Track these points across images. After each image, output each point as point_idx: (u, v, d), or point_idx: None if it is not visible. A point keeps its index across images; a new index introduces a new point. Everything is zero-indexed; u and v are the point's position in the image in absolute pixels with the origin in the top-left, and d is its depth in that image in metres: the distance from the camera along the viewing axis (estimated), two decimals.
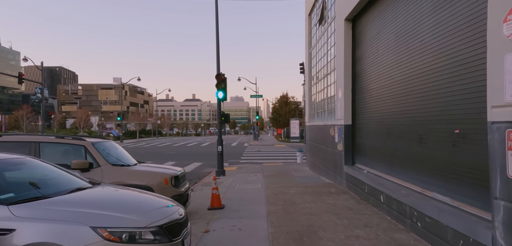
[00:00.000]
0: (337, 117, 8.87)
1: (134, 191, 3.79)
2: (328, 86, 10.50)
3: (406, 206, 4.70)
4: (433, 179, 4.54)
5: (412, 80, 5.17)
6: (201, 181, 11.10)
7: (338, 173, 8.86)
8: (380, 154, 6.53)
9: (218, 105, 12.35)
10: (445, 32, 4.29)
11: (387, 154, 6.14)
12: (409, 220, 4.69)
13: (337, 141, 8.87)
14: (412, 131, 5.16)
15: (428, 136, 4.70)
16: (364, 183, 6.64)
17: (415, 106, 5.06)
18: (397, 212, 5.07)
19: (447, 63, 4.23)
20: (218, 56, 12.28)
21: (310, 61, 13.92)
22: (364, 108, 7.52)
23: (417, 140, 4.96)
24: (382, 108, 6.37)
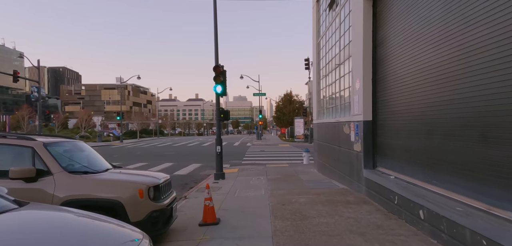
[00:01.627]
0: (353, 113, 7.58)
1: (76, 218, 2.55)
2: (340, 78, 9.20)
3: (466, 230, 3.42)
4: (509, 193, 3.25)
5: (473, 55, 3.86)
6: (197, 186, 9.87)
7: (354, 178, 7.57)
8: (415, 156, 5.23)
9: (216, 101, 11.11)
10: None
11: (428, 156, 4.84)
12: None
13: (354, 140, 7.59)
14: (471, 125, 3.85)
15: (499, 132, 3.41)
16: (393, 192, 5.35)
17: (477, 92, 3.76)
18: (448, 235, 3.78)
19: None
20: (216, 46, 11.03)
21: (318, 52, 12.62)
22: (390, 100, 6.23)
23: (481, 138, 3.66)
24: (419, 99, 5.07)
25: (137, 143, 38.35)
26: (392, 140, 6.10)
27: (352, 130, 7.71)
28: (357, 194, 7.19)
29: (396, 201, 5.22)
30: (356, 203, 6.37)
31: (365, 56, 6.90)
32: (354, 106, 7.49)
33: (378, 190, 6.08)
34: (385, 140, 6.44)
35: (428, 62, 4.84)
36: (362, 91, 6.96)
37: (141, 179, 4.32)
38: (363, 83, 6.92)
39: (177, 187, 10.00)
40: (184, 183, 10.76)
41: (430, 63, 4.79)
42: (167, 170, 13.94)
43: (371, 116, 6.91)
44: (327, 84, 11.06)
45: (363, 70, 6.92)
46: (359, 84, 7.17)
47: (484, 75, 3.65)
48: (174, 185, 10.85)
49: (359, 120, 7.15)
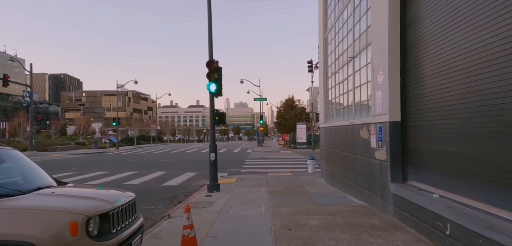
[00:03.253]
0: (374, 112, 6.15)
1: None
2: (355, 72, 7.80)
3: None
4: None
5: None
6: (187, 200, 8.42)
7: (377, 193, 6.12)
8: (473, 169, 3.79)
9: (210, 101, 9.69)
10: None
11: (498, 168, 3.40)
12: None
13: (375, 146, 6.15)
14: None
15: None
16: (442, 218, 3.89)
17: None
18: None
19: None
20: (210, 39, 9.65)
21: (326, 48, 11.24)
22: (427, 94, 4.80)
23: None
24: (482, 88, 3.64)
25: (133, 150, 36.93)
26: (433, 145, 4.66)
27: (373, 134, 6.27)
28: (382, 214, 5.71)
29: (448, 232, 3.76)
30: (385, 228, 4.90)
31: (391, 41, 5.49)
32: (376, 104, 6.06)
33: (415, 212, 4.61)
34: (421, 146, 4.99)
35: (498, 33, 3.42)
36: (387, 85, 5.53)
37: (79, 205, 2.88)
38: (389, 75, 5.50)
39: (163, 201, 8.55)
40: (172, 196, 9.31)
41: (501, 34, 3.37)
42: (157, 180, 12.50)
43: (400, 116, 5.48)
44: (337, 82, 9.64)
45: (388, 59, 5.50)
46: (382, 77, 5.75)
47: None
48: (160, 198, 9.44)
49: (384, 122, 5.72)
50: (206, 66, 9.22)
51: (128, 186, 11.10)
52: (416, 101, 5.14)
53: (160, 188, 10.81)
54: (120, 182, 11.99)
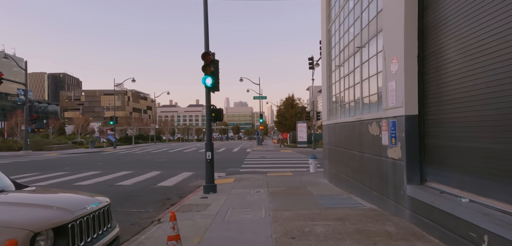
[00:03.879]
0: (387, 106, 5.52)
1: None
2: (362, 64, 7.17)
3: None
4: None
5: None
6: (181, 202, 7.79)
7: (389, 195, 5.49)
8: None
9: (206, 97, 9.05)
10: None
11: None
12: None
13: (387, 143, 5.52)
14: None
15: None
16: (477, 228, 3.25)
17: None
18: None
19: None
20: (206, 29, 9.01)
21: (329, 40, 10.62)
22: (451, 83, 4.17)
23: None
24: None
25: (130, 149, 36.30)
26: (459, 141, 4.03)
27: (385, 130, 5.64)
28: (397, 219, 5.08)
29: (485, 244, 3.13)
30: (403, 237, 4.27)
31: (408, 24, 4.86)
32: (389, 97, 5.43)
33: (439, 218, 3.99)
34: (443, 142, 4.36)
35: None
36: (403, 74, 4.90)
37: (26, 216, 2.25)
38: (405, 63, 4.87)
39: (155, 203, 7.92)
40: (166, 197, 8.69)
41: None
42: (152, 180, 11.87)
43: (417, 109, 4.85)
44: (342, 76, 9.01)
45: (404, 44, 4.87)
46: (396, 65, 5.12)
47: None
48: (152, 200, 8.74)
49: (398, 116, 5.09)
50: (201, 59, 8.59)
51: (120, 187, 10.48)
52: (437, 91, 4.51)
53: (153, 188, 10.19)
54: (112, 182, 11.36)
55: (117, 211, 7.02)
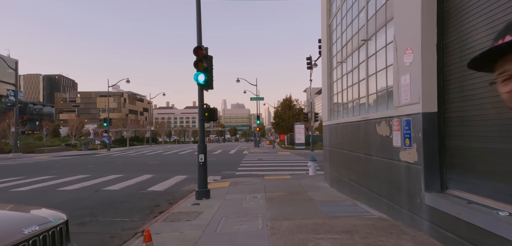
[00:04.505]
0: (399, 102, 4.90)
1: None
2: (369, 57, 6.56)
3: None
4: None
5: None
6: (171, 209, 7.11)
7: (404, 204, 4.86)
8: None
9: (199, 95, 8.40)
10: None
11: None
12: None
13: (400, 145, 4.90)
14: None
15: None
16: None
17: None
18: None
19: None
20: (199, 21, 8.35)
21: (330, 36, 10.02)
22: (482, 74, 3.56)
23: None
24: None
25: (125, 151, 35.49)
26: (491, 142, 3.41)
27: (396, 130, 5.02)
28: (413, 232, 4.45)
29: None
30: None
31: (425, 8, 4.25)
32: (402, 92, 4.81)
33: (467, 234, 3.36)
34: (469, 143, 3.75)
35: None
36: (420, 65, 4.29)
37: None
38: (422, 53, 4.26)
39: (142, 211, 7.24)
40: (154, 204, 8.01)
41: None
42: (142, 184, 11.18)
43: (437, 106, 4.24)
44: (344, 73, 8.40)
45: (421, 31, 4.26)
46: (411, 56, 4.51)
47: None
48: (139, 208, 7.59)
49: (413, 114, 4.48)
50: (193, 54, 7.94)
51: (106, 192, 9.78)
52: (461, 85, 3.90)
53: (143, 194, 9.50)
54: (100, 187, 10.66)
55: (97, 220, 6.34)
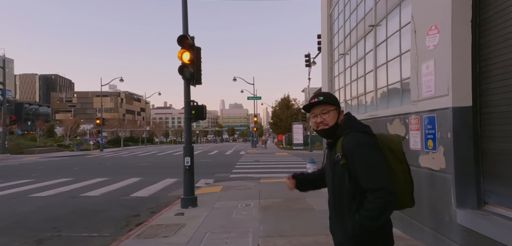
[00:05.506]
0: (419, 96, 4.01)
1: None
2: (378, 46, 5.67)
3: None
4: None
5: None
6: (149, 221, 6.17)
7: (425, 221, 3.97)
8: None
9: (185, 91, 7.48)
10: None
11: None
12: None
13: (419, 147, 4.01)
14: None
15: None
16: None
17: None
18: None
19: None
20: (185, 7, 7.42)
21: (330, 27, 9.13)
22: None
23: None
24: None
25: (118, 152, 34.47)
26: None
27: (415, 129, 4.13)
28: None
29: None
30: None
31: None
32: (423, 83, 3.92)
33: None
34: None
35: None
36: (449, 48, 3.39)
37: None
38: (453, 32, 3.36)
39: (117, 222, 6.32)
40: (134, 213, 7.09)
41: None
42: (127, 189, 10.24)
43: (471, 99, 3.34)
44: (347, 66, 7.51)
45: (451, 5, 3.36)
46: (436, 38, 3.61)
47: None
48: (114, 218, 6.39)
49: (439, 109, 3.58)
50: (177, 44, 7.02)
51: (83, 199, 8.84)
52: (505, 71, 3.01)
53: (124, 200, 8.58)
54: (78, 193, 9.71)
55: (60, 236, 5.41)
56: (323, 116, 1.89)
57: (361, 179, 1.70)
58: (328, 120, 1.88)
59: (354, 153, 1.73)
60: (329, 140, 1.92)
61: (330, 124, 1.88)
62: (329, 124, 1.88)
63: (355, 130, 1.82)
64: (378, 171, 1.68)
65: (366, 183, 1.68)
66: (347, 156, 1.75)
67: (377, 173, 1.68)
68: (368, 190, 1.67)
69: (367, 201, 1.67)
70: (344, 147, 1.77)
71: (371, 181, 1.67)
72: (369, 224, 1.67)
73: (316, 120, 1.92)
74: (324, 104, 1.89)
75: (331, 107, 1.89)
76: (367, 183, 1.68)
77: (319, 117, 1.91)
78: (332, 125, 1.88)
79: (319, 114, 1.90)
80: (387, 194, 1.65)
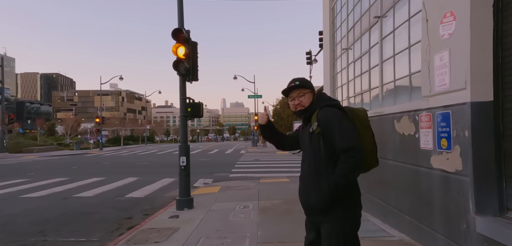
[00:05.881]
0: (431, 90, 3.66)
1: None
2: (384, 38, 5.32)
3: None
4: None
5: None
6: (141, 224, 5.85)
7: (437, 227, 3.62)
8: None
9: (180, 88, 7.14)
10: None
11: None
12: None
13: (431, 147, 3.67)
14: None
15: None
16: None
17: None
18: None
19: None
20: None
21: (333, 21, 8.77)
22: None
23: None
24: None
25: (117, 151, 34.21)
26: None
27: (426, 127, 3.79)
28: None
29: None
30: None
31: None
32: (436, 76, 3.57)
33: None
34: None
35: None
36: (468, 35, 3.04)
37: None
38: (471, 17, 3.01)
39: (109, 225, 6.00)
40: (127, 216, 6.77)
41: None
42: (122, 189, 9.93)
43: (492, 94, 2.99)
44: (351, 61, 7.15)
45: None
46: (452, 26, 3.26)
47: None
48: (106, 220, 6.04)
49: (456, 105, 3.23)
50: (172, 37, 6.68)
51: (76, 200, 8.53)
52: None
53: (118, 202, 8.27)
54: (71, 193, 9.40)
55: (45, 241, 5.10)
56: (300, 98, 2.11)
57: (336, 141, 1.93)
58: (304, 102, 2.11)
59: (328, 122, 1.97)
60: (304, 116, 2.14)
61: (306, 105, 2.10)
62: (305, 105, 2.11)
63: (327, 104, 2.07)
64: (350, 134, 1.94)
65: (340, 144, 1.91)
66: (322, 125, 1.98)
67: (349, 135, 1.93)
68: (342, 151, 1.91)
69: (340, 161, 1.92)
70: (319, 118, 2.01)
71: (344, 141, 1.91)
72: (342, 181, 1.90)
73: (294, 102, 2.14)
74: (301, 88, 2.11)
75: (307, 90, 2.11)
76: (341, 144, 1.91)
77: (296, 100, 2.12)
78: (308, 105, 2.10)
79: (296, 97, 2.12)
80: (357, 152, 1.90)
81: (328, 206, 1.96)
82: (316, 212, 2.08)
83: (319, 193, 1.99)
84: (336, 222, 1.99)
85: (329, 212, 1.99)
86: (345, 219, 2.01)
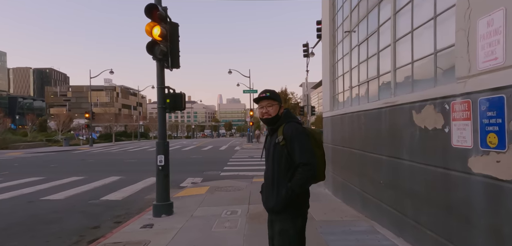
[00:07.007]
0: (470, 70, 2.72)
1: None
2: (397, 12, 4.38)
3: None
4: None
5: None
6: (108, 235, 4.89)
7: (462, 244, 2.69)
8: None
9: (158, 75, 6.13)
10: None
11: None
12: None
13: (471, 145, 2.74)
14: None
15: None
16: None
17: None
18: None
19: None
20: None
21: (333, 3, 7.82)
22: None
23: None
24: None
25: (107, 147, 33.09)
26: None
27: (461, 118, 2.86)
28: None
29: None
30: None
31: None
32: (479, 49, 2.63)
33: None
34: None
35: None
36: None
37: None
38: None
39: (67, 238, 5.01)
40: (94, 224, 5.80)
41: None
42: (100, 190, 8.94)
43: None
44: (355, 45, 6.21)
45: None
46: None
47: None
48: (68, 231, 4.78)
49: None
50: (145, 15, 5.66)
51: (41, 203, 7.52)
52: None
53: (90, 205, 7.29)
54: (39, 196, 8.39)
55: None
56: (268, 108, 2.46)
57: (296, 155, 2.28)
58: (271, 111, 2.46)
59: (292, 137, 2.31)
60: (271, 127, 2.48)
61: (272, 115, 2.45)
62: (272, 115, 2.45)
63: (292, 121, 2.43)
64: (308, 151, 2.29)
65: (300, 158, 2.27)
66: (287, 139, 2.33)
67: (307, 152, 2.28)
68: (300, 164, 2.26)
69: (297, 172, 2.27)
70: (285, 132, 2.35)
71: (303, 157, 2.26)
72: (298, 189, 2.27)
73: (263, 111, 2.47)
74: (270, 99, 2.47)
75: (275, 102, 2.47)
76: (300, 159, 2.26)
77: (265, 109, 2.47)
78: (274, 115, 2.45)
79: (265, 106, 2.47)
80: (312, 167, 2.27)
81: (283, 208, 2.31)
82: (273, 212, 2.41)
83: (277, 197, 2.33)
84: (286, 221, 2.35)
85: (281, 212, 2.34)
86: (295, 218, 2.36)
